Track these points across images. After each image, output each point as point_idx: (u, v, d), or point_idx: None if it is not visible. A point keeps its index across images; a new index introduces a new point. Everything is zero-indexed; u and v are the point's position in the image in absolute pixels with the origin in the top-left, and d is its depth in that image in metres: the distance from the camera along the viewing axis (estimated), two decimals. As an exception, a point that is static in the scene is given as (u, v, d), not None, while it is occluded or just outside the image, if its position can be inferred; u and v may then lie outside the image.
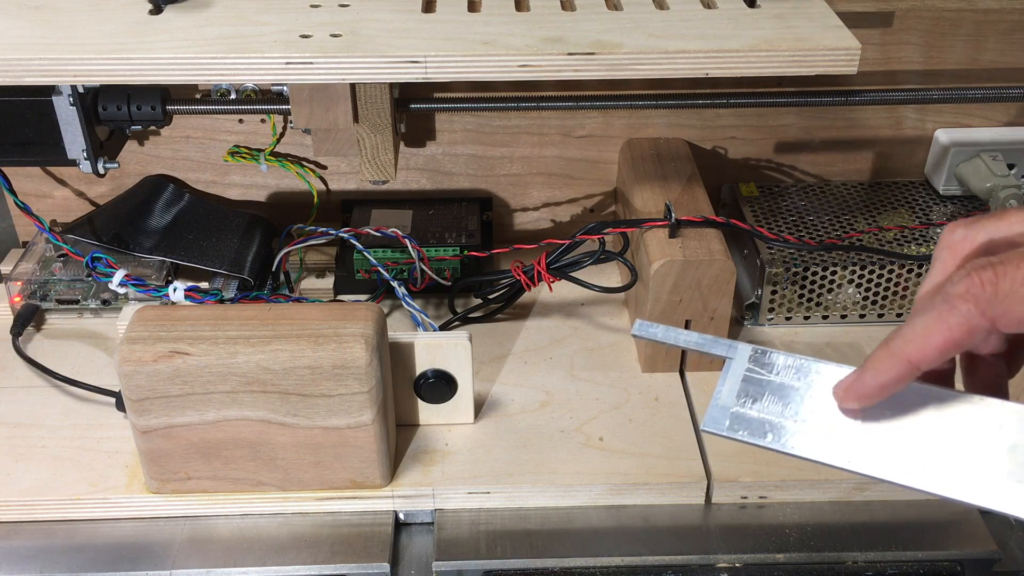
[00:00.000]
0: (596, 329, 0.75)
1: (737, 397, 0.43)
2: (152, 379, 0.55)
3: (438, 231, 0.79)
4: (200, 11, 0.60)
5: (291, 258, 0.79)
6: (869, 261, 0.73)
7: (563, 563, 0.58)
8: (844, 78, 0.59)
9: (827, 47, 0.56)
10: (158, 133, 0.79)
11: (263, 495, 0.60)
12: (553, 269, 0.69)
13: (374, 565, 0.58)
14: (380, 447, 0.59)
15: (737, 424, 0.42)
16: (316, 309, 0.58)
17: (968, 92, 0.70)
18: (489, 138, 0.81)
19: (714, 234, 0.68)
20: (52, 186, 0.82)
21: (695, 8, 0.61)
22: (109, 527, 0.60)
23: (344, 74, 0.56)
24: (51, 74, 0.55)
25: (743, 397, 0.43)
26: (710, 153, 0.83)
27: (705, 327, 0.68)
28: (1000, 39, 0.77)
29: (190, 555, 0.58)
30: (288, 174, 0.81)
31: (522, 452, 0.63)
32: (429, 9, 0.61)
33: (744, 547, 0.59)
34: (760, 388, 0.43)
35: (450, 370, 0.63)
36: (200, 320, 0.56)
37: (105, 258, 0.67)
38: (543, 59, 0.55)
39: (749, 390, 0.43)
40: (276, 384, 0.55)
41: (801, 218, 0.78)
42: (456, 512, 0.61)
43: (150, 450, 0.58)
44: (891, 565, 0.59)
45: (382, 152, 0.65)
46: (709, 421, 0.42)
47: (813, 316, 0.75)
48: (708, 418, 0.42)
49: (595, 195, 0.84)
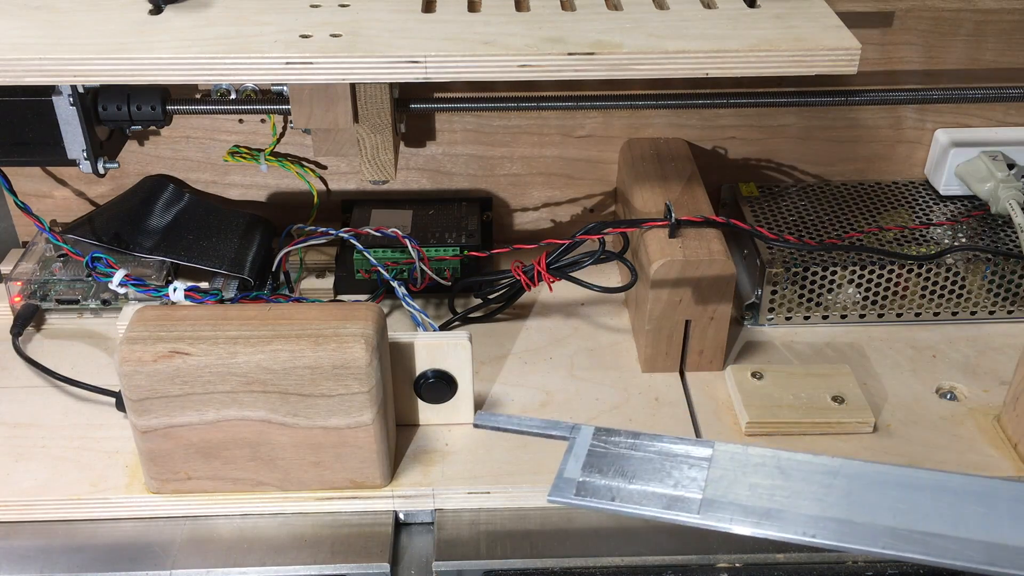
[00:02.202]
0: (596, 329, 0.75)
1: (583, 469, 0.47)
2: (152, 379, 0.55)
3: (438, 231, 0.79)
4: (200, 11, 0.60)
5: (291, 258, 0.79)
6: (869, 261, 0.73)
7: (563, 563, 0.58)
8: (844, 78, 0.59)
9: (827, 47, 0.56)
10: (158, 133, 0.79)
11: (263, 495, 0.60)
12: (553, 269, 0.69)
13: (374, 565, 0.58)
14: (380, 447, 0.59)
15: (584, 491, 0.46)
16: (316, 309, 0.58)
17: (968, 92, 0.70)
18: (489, 138, 0.81)
19: (714, 234, 0.68)
20: (52, 186, 0.82)
21: (695, 8, 0.61)
22: (109, 527, 0.60)
23: (344, 74, 0.56)
24: (51, 74, 0.55)
25: (588, 469, 0.47)
26: (710, 153, 0.83)
27: (705, 327, 0.68)
28: (1000, 39, 0.77)
29: (190, 555, 0.58)
30: (288, 174, 0.81)
31: (522, 452, 0.63)
32: (429, 9, 0.61)
33: (744, 547, 0.59)
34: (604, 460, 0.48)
35: (450, 370, 0.63)
36: (200, 320, 0.56)
37: (105, 258, 0.67)
38: (543, 59, 0.55)
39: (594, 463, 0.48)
40: (276, 384, 0.55)
41: (801, 218, 0.78)
42: (456, 512, 0.61)
43: (150, 450, 0.58)
44: (891, 565, 0.58)
45: (382, 152, 0.65)
46: (554, 491, 0.46)
47: (813, 316, 0.75)
48: (553, 489, 0.47)
49: (595, 195, 0.84)
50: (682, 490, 0.46)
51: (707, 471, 0.46)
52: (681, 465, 0.47)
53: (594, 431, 0.49)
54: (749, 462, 0.46)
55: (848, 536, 0.42)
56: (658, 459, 0.47)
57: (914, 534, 0.42)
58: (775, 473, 0.46)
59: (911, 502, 0.43)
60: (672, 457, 0.47)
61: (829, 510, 0.43)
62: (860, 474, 0.45)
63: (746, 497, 0.45)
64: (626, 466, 0.47)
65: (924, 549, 0.41)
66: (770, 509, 0.44)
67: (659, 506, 0.45)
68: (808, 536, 0.42)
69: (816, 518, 0.43)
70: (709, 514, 0.44)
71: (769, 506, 0.44)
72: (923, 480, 0.44)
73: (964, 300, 0.75)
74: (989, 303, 0.75)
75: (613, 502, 0.45)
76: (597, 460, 0.48)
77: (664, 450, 0.48)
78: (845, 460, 0.46)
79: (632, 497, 0.45)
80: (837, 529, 0.43)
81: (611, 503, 0.45)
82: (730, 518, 0.44)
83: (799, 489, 0.45)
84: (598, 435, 0.49)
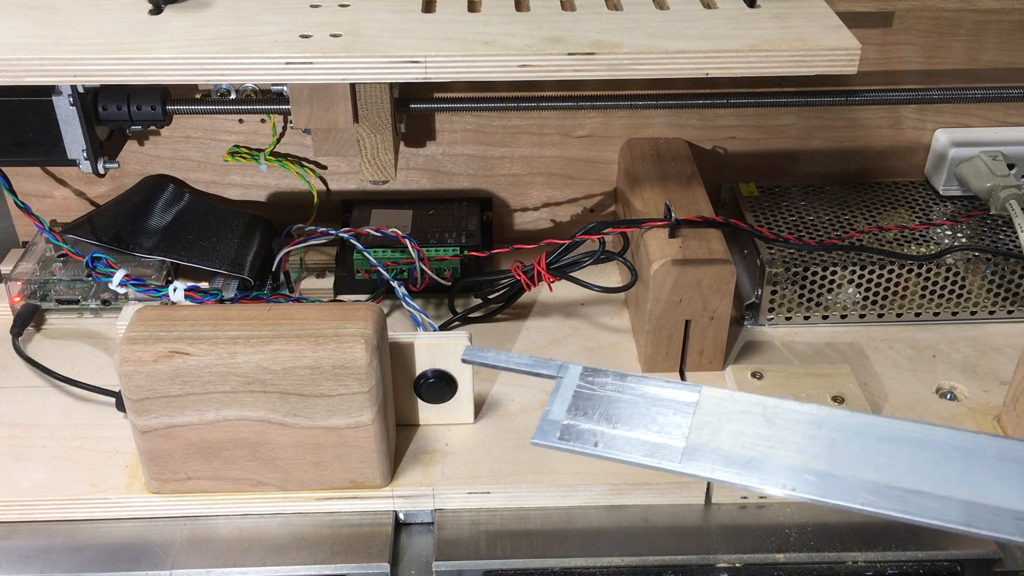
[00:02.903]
0: (596, 329, 0.75)
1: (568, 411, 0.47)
2: (152, 379, 0.55)
3: (438, 231, 0.79)
4: (200, 11, 0.60)
5: (291, 258, 0.79)
6: (869, 261, 0.73)
7: (563, 563, 0.58)
8: (844, 78, 0.59)
9: (827, 47, 0.56)
10: (158, 133, 0.79)
11: (263, 495, 0.60)
12: (553, 269, 0.69)
13: (374, 565, 0.58)
14: (380, 447, 0.59)
15: (567, 435, 0.46)
16: (316, 309, 0.58)
17: (968, 92, 0.70)
18: (489, 138, 0.81)
19: (714, 234, 0.68)
20: (52, 186, 0.82)
21: (695, 8, 0.61)
22: (109, 527, 0.60)
23: (344, 74, 0.56)
24: (51, 74, 0.55)
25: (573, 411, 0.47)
26: (710, 153, 0.83)
27: (705, 327, 0.68)
28: (1000, 39, 0.77)
29: (190, 555, 0.58)
30: (288, 174, 0.81)
31: (522, 452, 0.63)
32: (429, 9, 0.61)
33: (744, 547, 0.59)
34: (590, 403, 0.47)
35: (450, 370, 0.63)
36: (200, 320, 0.56)
37: (105, 258, 0.67)
38: (543, 59, 0.55)
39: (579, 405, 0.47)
40: (276, 384, 0.55)
41: (801, 218, 0.78)
42: (456, 512, 0.61)
43: (150, 450, 0.58)
44: (891, 565, 0.59)
45: (382, 152, 0.65)
46: (538, 434, 0.46)
47: (813, 316, 0.75)
48: (538, 431, 0.46)
49: (595, 195, 0.84)
50: (665, 436, 0.45)
51: (692, 417, 0.46)
52: (666, 410, 0.46)
53: (582, 371, 0.49)
54: (735, 408, 0.46)
55: (828, 491, 0.42)
56: (644, 403, 0.47)
57: (894, 490, 0.41)
58: (760, 421, 0.45)
59: (894, 456, 0.43)
60: (658, 402, 0.47)
61: (811, 462, 0.43)
62: (845, 425, 0.45)
63: (729, 445, 0.44)
64: (611, 410, 0.47)
65: (903, 507, 0.41)
66: (752, 459, 0.43)
67: (642, 453, 0.45)
68: (788, 489, 0.42)
69: (797, 469, 0.43)
70: (690, 463, 0.44)
71: (751, 456, 0.43)
72: (908, 433, 0.44)
73: (964, 300, 0.75)
74: (989, 303, 0.75)
75: (596, 448, 0.45)
76: (583, 402, 0.47)
77: (650, 394, 0.47)
78: (831, 409, 0.46)
79: (615, 443, 0.45)
80: (817, 483, 0.42)
81: (594, 448, 0.45)
82: (711, 467, 0.43)
83: (783, 438, 0.44)
84: (585, 375, 0.48)
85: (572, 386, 0.48)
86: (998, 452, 0.42)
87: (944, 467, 0.42)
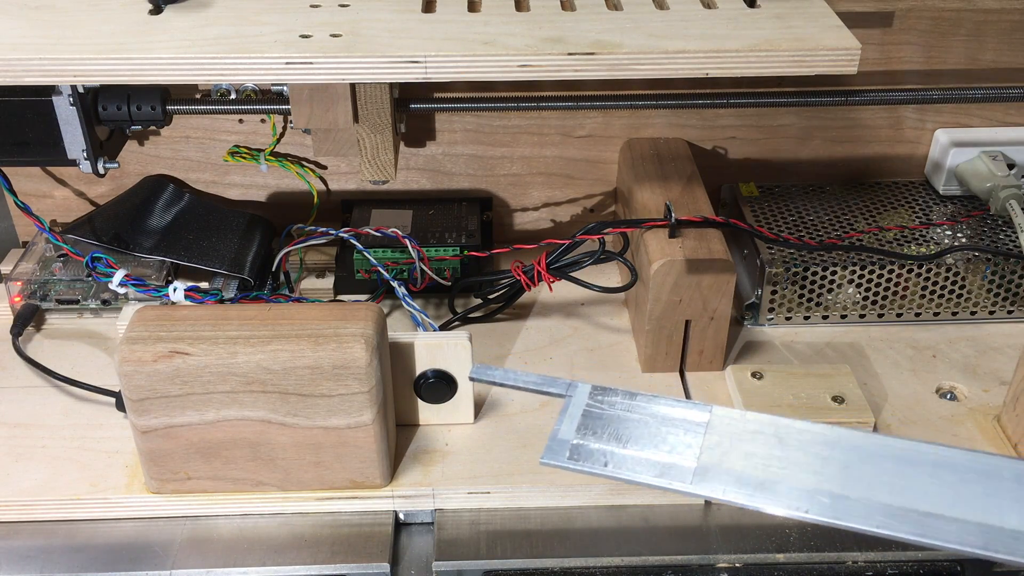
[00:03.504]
0: (596, 329, 0.75)
1: (577, 431, 0.46)
2: (152, 379, 0.55)
3: (438, 231, 0.79)
4: (200, 11, 0.60)
5: (291, 258, 0.79)
6: (869, 261, 0.73)
7: (563, 563, 0.58)
8: (844, 78, 0.59)
9: (827, 47, 0.56)
10: (158, 133, 0.79)
11: (263, 495, 0.60)
12: (553, 269, 0.69)
13: (374, 565, 0.58)
14: (380, 447, 0.59)
15: (577, 455, 0.45)
16: (316, 309, 0.58)
17: (968, 92, 0.70)
18: (489, 138, 0.81)
19: (714, 234, 0.68)
20: (52, 186, 0.82)
21: (695, 8, 0.61)
22: (109, 527, 0.60)
23: (344, 74, 0.56)
24: (51, 74, 0.55)
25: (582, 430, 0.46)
26: (710, 153, 0.83)
27: (705, 327, 0.68)
28: (1000, 39, 0.77)
29: (190, 555, 0.58)
30: (288, 174, 0.81)
31: (522, 452, 0.63)
32: (429, 9, 0.61)
33: (744, 547, 0.59)
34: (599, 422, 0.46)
35: (450, 370, 0.63)
36: (200, 320, 0.56)
37: (105, 258, 0.67)
38: (543, 59, 0.55)
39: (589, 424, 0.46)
40: (276, 384, 0.55)
41: (801, 218, 0.78)
42: (456, 512, 0.61)
43: (150, 450, 0.58)
44: (891, 565, 0.59)
45: (382, 152, 0.65)
46: (548, 454, 0.45)
47: (813, 316, 0.75)
48: (547, 451, 0.45)
49: (595, 195, 0.84)
50: (676, 456, 0.44)
51: (703, 437, 0.45)
52: (677, 430, 0.46)
53: (591, 389, 0.48)
54: (746, 428, 0.45)
55: (842, 513, 0.41)
56: (654, 422, 0.46)
57: (910, 513, 0.41)
58: (772, 442, 0.44)
59: (909, 478, 0.42)
60: (668, 421, 0.46)
61: (825, 483, 0.42)
62: (859, 446, 0.44)
63: (741, 466, 0.44)
64: (621, 429, 0.46)
65: (919, 529, 0.40)
66: (764, 480, 0.43)
67: (652, 473, 0.44)
68: (801, 511, 0.41)
69: (811, 491, 0.42)
70: (702, 484, 0.43)
71: (764, 477, 0.43)
72: (923, 455, 0.43)
73: (964, 300, 0.75)
74: (989, 303, 0.75)
75: (606, 468, 0.44)
76: (592, 421, 0.46)
77: (661, 413, 0.47)
78: (844, 430, 0.45)
79: (625, 463, 0.44)
80: (831, 505, 0.41)
81: (604, 469, 0.44)
82: (723, 488, 0.43)
83: (795, 459, 0.44)
84: (594, 394, 0.48)
85: (581, 405, 0.47)
86: (1016, 475, 0.42)
87: (960, 490, 0.41)
